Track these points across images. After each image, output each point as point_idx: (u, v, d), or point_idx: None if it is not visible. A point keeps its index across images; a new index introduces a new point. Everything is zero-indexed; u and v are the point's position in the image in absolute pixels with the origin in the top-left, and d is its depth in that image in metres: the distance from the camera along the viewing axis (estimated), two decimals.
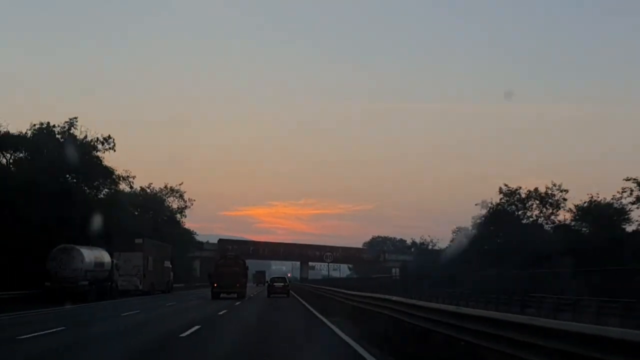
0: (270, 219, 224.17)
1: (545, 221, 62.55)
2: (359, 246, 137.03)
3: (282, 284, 47.59)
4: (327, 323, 20.06)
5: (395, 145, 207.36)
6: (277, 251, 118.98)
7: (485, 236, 67.46)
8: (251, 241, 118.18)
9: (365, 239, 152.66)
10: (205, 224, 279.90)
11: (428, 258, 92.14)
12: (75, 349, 14.02)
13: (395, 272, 52.12)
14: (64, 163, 42.06)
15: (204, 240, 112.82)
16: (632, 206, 51.43)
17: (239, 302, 35.85)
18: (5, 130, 43.44)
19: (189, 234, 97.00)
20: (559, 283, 28.06)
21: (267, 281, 57.33)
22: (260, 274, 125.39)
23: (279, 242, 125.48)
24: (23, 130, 45.41)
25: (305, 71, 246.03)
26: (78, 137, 46.23)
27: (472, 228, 76.51)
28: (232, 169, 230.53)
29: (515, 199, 63.86)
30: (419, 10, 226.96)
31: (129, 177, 54.74)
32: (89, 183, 46.13)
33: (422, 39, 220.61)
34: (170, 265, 57.19)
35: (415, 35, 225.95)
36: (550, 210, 62.79)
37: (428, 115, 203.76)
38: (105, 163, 46.88)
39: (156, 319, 24.02)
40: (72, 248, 36.15)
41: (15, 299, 32.35)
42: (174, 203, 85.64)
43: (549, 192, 62.41)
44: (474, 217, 76.73)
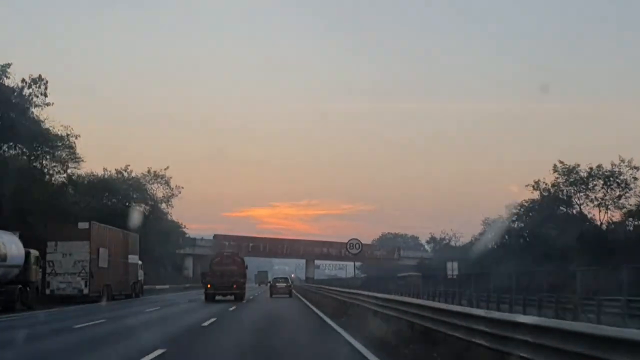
0: (273, 219, 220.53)
1: (612, 205, 50.56)
2: (367, 243, 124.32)
3: (285, 285, 48.28)
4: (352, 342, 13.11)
5: (397, 145, 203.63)
6: (280, 248, 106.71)
7: (531, 226, 56.00)
8: (250, 237, 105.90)
9: (370, 239, 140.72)
10: (207, 224, 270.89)
11: (452, 255, 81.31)
12: None
13: (452, 269, 39.92)
14: None
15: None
16: None
17: (234, 307, 29.71)
18: None
19: (177, 227, 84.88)
20: None
21: (270, 281, 59.23)
22: (263, 273, 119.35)
23: (281, 238, 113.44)
24: None
25: (307, 71, 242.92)
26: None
27: (508, 218, 65.31)
28: (233, 169, 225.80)
29: (574, 178, 51.87)
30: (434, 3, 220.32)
31: (69, 136, 42.82)
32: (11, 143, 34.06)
33: (422, 37, 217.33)
34: (139, 262, 45.02)
35: (415, 34, 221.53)
36: (617, 192, 50.80)
37: (429, 113, 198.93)
38: (47, 125, 34.86)
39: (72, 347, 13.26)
40: None
41: None
42: (158, 191, 73.51)
43: (616, 170, 50.46)
44: (509, 206, 65.43)
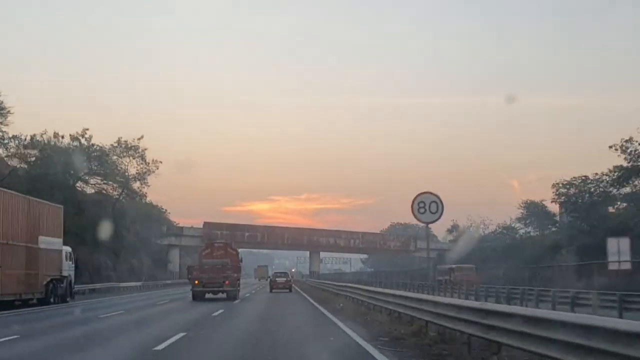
0: (273, 213, 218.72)
1: None
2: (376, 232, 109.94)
3: (285, 279, 49.12)
4: None
5: (397, 139, 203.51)
6: (280, 238, 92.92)
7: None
8: (247, 225, 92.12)
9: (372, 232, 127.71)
10: (205, 219, 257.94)
11: (480, 245, 68.14)
12: None
13: (618, 251, 26.11)
14: None
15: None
16: None
17: (220, 311, 22.80)
18: None
19: (158, 212, 71.22)
20: None
21: (269, 276, 60.00)
22: (263, 268, 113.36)
23: (282, 226, 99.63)
24: None
25: (307, 67, 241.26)
26: None
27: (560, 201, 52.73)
28: (233, 164, 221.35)
29: None
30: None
31: None
32: None
33: (422, 36, 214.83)
34: (65, 249, 31.06)
35: (413, 32, 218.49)
36: None
37: (429, 110, 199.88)
38: None
39: None
40: None
41: None
42: (130, 166, 59.72)
43: None
44: (557, 185, 52.47)
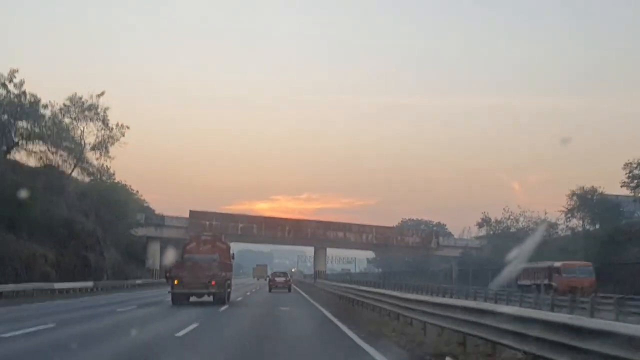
0: (273, 213, 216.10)
1: None
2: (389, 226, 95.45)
3: (284, 279, 48.97)
4: None
5: (398, 139, 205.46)
6: (281, 231, 78.85)
7: None
8: (241, 215, 78.15)
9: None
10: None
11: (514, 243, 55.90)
12: None
13: None
14: None
15: None
16: None
17: (192, 328, 15.55)
18: None
19: (128, 194, 57.51)
20: None
21: (269, 276, 61.75)
22: (262, 267, 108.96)
23: (283, 218, 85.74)
24: None
25: (308, 67, 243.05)
26: None
27: None
28: (233, 163, 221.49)
29: None
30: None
31: None
32: None
33: (423, 36, 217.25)
34: None
35: (414, 32, 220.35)
36: None
37: (429, 110, 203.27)
38: None
39: None
40: None
41: None
42: (89, 134, 45.92)
43: None
44: (629, 165, 41.04)
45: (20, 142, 42.62)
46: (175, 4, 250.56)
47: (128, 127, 47.59)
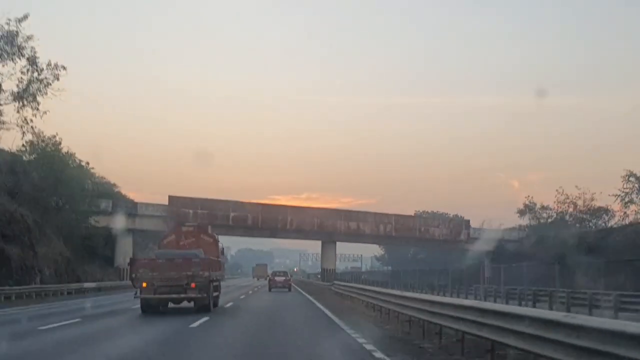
0: None
1: None
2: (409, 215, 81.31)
3: (284, 278, 48.47)
4: None
5: (398, 139, 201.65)
6: (281, 221, 65.10)
7: None
8: (233, 202, 64.40)
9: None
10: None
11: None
12: None
13: None
14: None
15: None
16: None
17: None
18: None
19: (80, 169, 44.05)
20: None
21: (269, 275, 59.21)
22: (261, 267, 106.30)
23: (284, 205, 72.33)
24: None
25: (308, 67, 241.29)
26: None
27: None
28: (233, 162, 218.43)
29: None
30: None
31: None
32: None
33: (423, 36, 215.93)
34: None
35: (414, 32, 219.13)
36: None
37: (430, 109, 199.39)
38: None
39: None
40: None
41: None
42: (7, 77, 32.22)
43: None
44: None
45: None
46: (175, 4, 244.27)
47: (64, 67, 34.20)
